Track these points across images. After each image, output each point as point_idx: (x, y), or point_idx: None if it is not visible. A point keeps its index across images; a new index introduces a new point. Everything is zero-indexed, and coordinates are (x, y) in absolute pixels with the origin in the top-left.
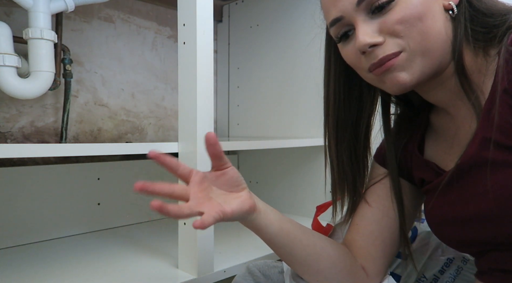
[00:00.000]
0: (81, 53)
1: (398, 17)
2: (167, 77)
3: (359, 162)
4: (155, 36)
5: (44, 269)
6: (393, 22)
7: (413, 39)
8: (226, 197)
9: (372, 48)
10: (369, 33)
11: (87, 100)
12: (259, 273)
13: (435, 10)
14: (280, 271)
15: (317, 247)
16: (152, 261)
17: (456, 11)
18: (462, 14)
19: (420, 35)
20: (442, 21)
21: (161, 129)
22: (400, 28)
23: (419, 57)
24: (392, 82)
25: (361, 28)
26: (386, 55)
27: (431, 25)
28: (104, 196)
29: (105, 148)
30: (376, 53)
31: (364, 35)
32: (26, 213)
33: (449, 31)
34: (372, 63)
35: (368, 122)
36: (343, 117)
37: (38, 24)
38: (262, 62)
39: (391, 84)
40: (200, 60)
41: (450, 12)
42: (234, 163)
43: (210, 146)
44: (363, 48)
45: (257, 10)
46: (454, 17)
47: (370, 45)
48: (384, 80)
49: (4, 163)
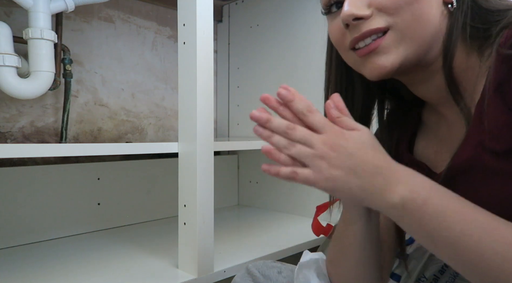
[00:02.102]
0: (81, 53)
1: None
2: (167, 77)
3: None
4: (155, 36)
5: (44, 269)
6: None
7: (403, 18)
8: None
9: (356, 21)
10: (356, 4)
11: (87, 100)
12: (258, 274)
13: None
14: (279, 271)
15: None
16: (152, 261)
17: (456, 5)
18: (461, 9)
19: (411, 16)
20: (438, 11)
21: (161, 129)
22: (391, 4)
23: (406, 39)
24: (373, 66)
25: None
26: (370, 29)
27: (425, 10)
28: (104, 196)
29: (105, 148)
30: (360, 27)
31: (351, 5)
32: (26, 213)
33: (443, 25)
34: (354, 37)
35: (367, 124)
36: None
37: (38, 24)
38: (262, 62)
39: (371, 68)
40: (200, 60)
41: (449, 6)
42: (234, 163)
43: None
44: (347, 19)
45: (257, 10)
46: (452, 12)
47: (355, 18)
48: (364, 63)
49: (4, 163)
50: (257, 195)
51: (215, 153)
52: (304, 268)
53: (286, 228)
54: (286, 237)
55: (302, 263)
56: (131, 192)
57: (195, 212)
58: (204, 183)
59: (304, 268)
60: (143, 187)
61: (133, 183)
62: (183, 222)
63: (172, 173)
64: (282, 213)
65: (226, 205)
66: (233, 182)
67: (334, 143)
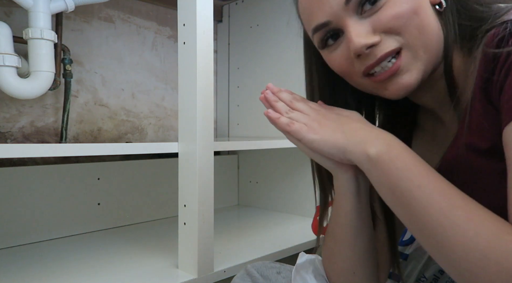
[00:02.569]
0: (81, 53)
1: (393, 12)
2: (167, 77)
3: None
4: (155, 36)
5: (44, 269)
6: (388, 19)
7: (411, 35)
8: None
9: (369, 49)
10: (363, 33)
11: (87, 100)
12: (257, 274)
13: (425, 4)
14: (278, 272)
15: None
16: (152, 261)
17: (445, 4)
18: (450, 8)
19: (417, 30)
20: (433, 16)
21: (161, 129)
22: (396, 24)
23: (420, 53)
24: (397, 87)
25: (354, 29)
26: (385, 53)
27: (425, 19)
28: (104, 196)
29: (105, 148)
30: (374, 53)
31: (359, 36)
32: (26, 213)
33: (440, 28)
34: (370, 64)
35: None
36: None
37: (38, 24)
38: (262, 62)
39: (395, 89)
40: (200, 60)
41: (438, 7)
42: (234, 163)
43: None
44: (360, 51)
45: (257, 10)
46: (441, 12)
47: (368, 47)
48: (386, 86)
49: (4, 163)
50: (257, 195)
51: (215, 153)
52: (301, 270)
53: (286, 228)
54: (286, 237)
55: (299, 264)
56: (131, 192)
57: (195, 212)
58: (204, 183)
59: (301, 269)
60: (143, 187)
61: (133, 183)
62: (183, 222)
63: (172, 173)
64: (282, 213)
65: (226, 205)
66: (233, 182)
67: (326, 113)
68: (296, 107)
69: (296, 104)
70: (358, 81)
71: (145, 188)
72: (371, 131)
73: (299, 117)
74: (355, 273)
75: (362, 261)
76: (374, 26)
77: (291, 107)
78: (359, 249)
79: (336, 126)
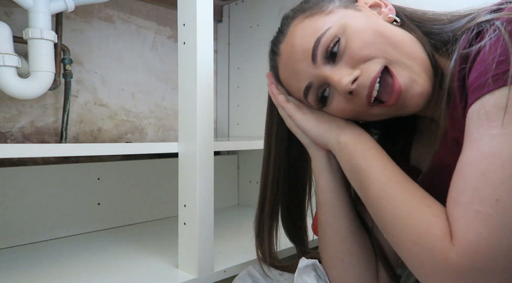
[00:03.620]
0: (81, 53)
1: (359, 44)
2: (167, 77)
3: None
4: (155, 36)
5: (44, 269)
6: (358, 51)
7: (387, 52)
8: None
9: (355, 83)
10: (343, 74)
11: (87, 100)
12: (258, 275)
13: (383, 25)
14: (280, 273)
15: (358, 228)
16: (152, 261)
17: (399, 19)
18: (408, 20)
19: (391, 46)
20: (398, 29)
21: (161, 129)
22: (368, 51)
23: (408, 63)
24: (415, 100)
25: (334, 75)
26: (373, 77)
27: (393, 35)
28: (104, 196)
29: (105, 148)
30: (362, 83)
31: (340, 78)
32: (26, 213)
33: (412, 36)
34: (367, 94)
35: (304, 182)
36: (282, 178)
37: (38, 24)
38: (262, 62)
39: (414, 102)
40: (200, 60)
41: (395, 23)
42: (234, 163)
43: None
44: (347, 88)
45: (257, 10)
46: (401, 25)
47: (353, 81)
48: (404, 104)
49: (4, 163)
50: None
51: (215, 153)
52: (304, 274)
53: None
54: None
55: (301, 268)
56: (131, 192)
57: (195, 212)
58: (204, 183)
59: (303, 273)
60: (143, 187)
61: (133, 183)
62: (183, 222)
63: (172, 173)
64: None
65: (226, 205)
66: (233, 182)
67: (312, 111)
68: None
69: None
70: (372, 113)
71: (145, 188)
72: (346, 124)
73: (293, 99)
74: (343, 260)
75: (346, 245)
76: (349, 64)
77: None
78: (340, 230)
79: (321, 116)
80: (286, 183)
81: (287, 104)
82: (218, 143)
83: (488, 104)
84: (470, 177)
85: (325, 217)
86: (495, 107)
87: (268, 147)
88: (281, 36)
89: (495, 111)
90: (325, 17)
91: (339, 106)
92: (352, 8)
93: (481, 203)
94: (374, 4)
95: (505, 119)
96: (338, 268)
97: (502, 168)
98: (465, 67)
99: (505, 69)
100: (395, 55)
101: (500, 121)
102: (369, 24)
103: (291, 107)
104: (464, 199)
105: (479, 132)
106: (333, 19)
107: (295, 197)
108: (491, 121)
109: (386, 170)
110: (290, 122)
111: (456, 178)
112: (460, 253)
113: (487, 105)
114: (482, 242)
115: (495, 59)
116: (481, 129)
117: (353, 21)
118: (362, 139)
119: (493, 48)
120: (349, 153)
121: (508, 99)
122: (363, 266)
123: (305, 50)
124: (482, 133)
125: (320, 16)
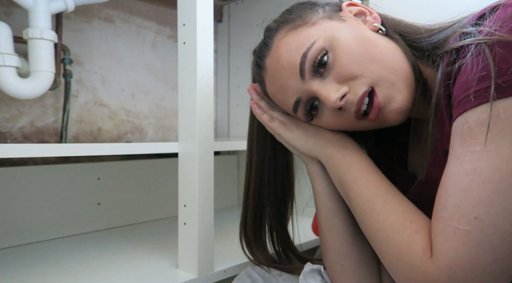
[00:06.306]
0: (81, 53)
1: (346, 60)
2: (167, 77)
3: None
4: (155, 36)
5: (44, 269)
6: (344, 67)
7: (373, 72)
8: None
9: (343, 99)
10: (332, 90)
11: (87, 100)
12: (257, 276)
13: (369, 34)
14: (279, 274)
15: (356, 228)
16: (152, 261)
17: (384, 28)
18: (392, 29)
19: (376, 64)
20: (382, 41)
21: (161, 129)
22: (354, 68)
23: (392, 78)
24: (393, 115)
25: (322, 91)
26: (360, 98)
27: (376, 49)
28: (104, 196)
29: (105, 148)
30: (350, 100)
31: (328, 94)
32: (26, 213)
33: (395, 45)
34: (356, 109)
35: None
36: (265, 186)
37: (38, 24)
38: None
39: (392, 117)
40: (200, 60)
41: (380, 31)
42: (234, 163)
43: None
44: (336, 105)
45: (257, 10)
46: (386, 34)
47: (341, 98)
48: (384, 118)
49: (4, 163)
50: None
51: (215, 153)
52: (309, 278)
53: None
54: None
55: (306, 272)
56: (131, 192)
57: (195, 212)
58: (204, 183)
59: (308, 277)
60: (143, 187)
61: (133, 183)
62: (183, 222)
63: (172, 173)
64: None
65: (226, 205)
66: (233, 182)
67: (298, 126)
68: (275, 109)
69: (274, 107)
70: (361, 125)
71: (145, 188)
72: (334, 137)
73: (278, 116)
74: (343, 265)
75: (346, 249)
76: (337, 79)
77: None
78: (338, 233)
79: (308, 129)
80: (266, 191)
81: (272, 123)
82: (218, 143)
83: (471, 120)
84: (451, 193)
85: (323, 221)
86: (477, 123)
87: (250, 155)
88: (266, 50)
89: (477, 127)
90: (309, 29)
91: (328, 120)
92: (337, 19)
93: (460, 220)
94: (359, 12)
95: (488, 136)
96: (339, 272)
97: (483, 186)
98: (449, 84)
99: (487, 85)
100: (379, 74)
101: (483, 138)
102: (355, 37)
103: (276, 126)
104: (445, 215)
105: (462, 149)
106: (317, 32)
107: (279, 204)
108: (474, 137)
109: (371, 183)
110: (280, 139)
111: (439, 193)
112: (438, 269)
113: (470, 121)
114: (459, 259)
115: (476, 74)
116: (464, 146)
117: (339, 34)
118: (349, 151)
119: (475, 63)
120: (336, 166)
121: (490, 116)
122: (364, 270)
123: (291, 65)
124: (465, 150)
125: (304, 28)
